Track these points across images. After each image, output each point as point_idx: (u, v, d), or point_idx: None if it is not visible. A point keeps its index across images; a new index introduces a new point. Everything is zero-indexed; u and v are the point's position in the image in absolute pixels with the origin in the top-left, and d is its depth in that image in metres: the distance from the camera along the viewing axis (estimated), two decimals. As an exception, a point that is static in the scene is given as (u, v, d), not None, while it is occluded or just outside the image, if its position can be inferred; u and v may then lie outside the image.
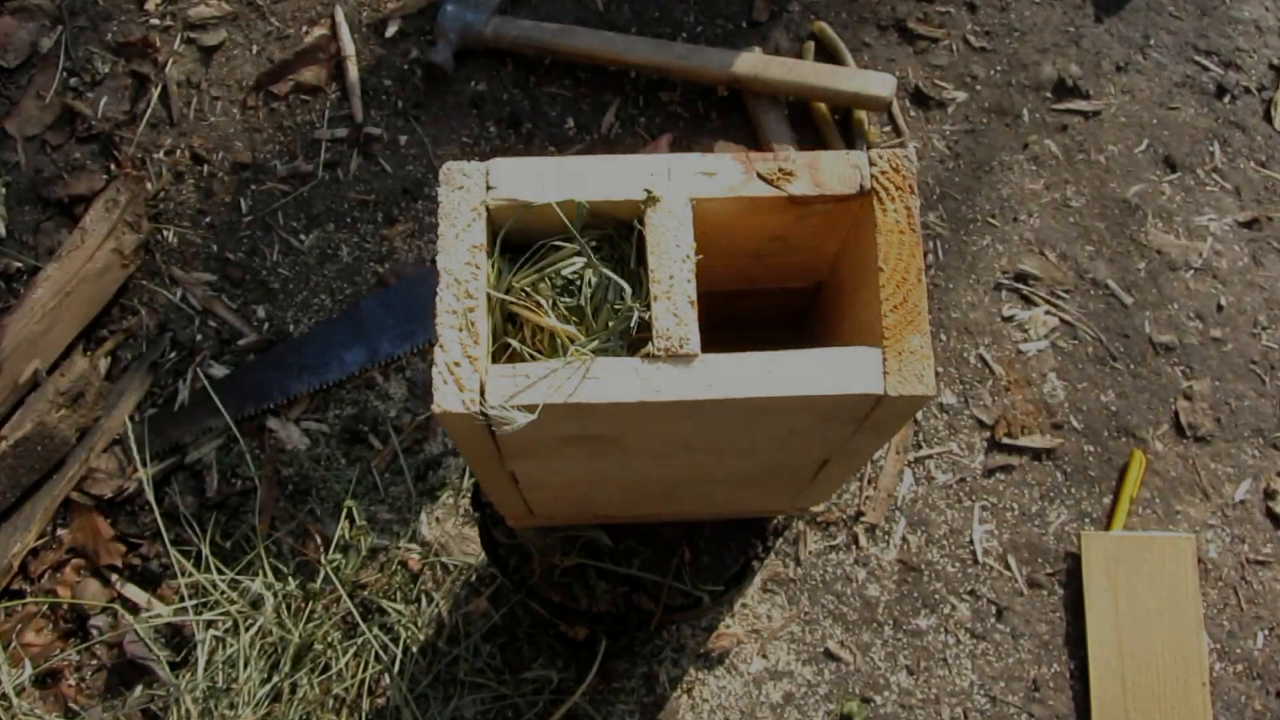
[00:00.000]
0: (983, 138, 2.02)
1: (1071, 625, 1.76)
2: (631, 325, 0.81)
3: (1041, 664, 1.74)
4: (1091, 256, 1.95)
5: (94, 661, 1.73)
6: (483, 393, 0.76)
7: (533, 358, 0.80)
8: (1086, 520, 1.80)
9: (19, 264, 1.90)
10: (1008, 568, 1.78)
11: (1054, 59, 2.07)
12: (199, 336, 1.88)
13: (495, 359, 0.82)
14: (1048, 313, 1.91)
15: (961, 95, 2.04)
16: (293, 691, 1.64)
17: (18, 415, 1.76)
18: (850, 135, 1.98)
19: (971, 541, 1.79)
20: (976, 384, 1.88)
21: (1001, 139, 2.02)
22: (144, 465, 1.78)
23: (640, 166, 0.82)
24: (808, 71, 1.94)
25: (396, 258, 1.93)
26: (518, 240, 0.87)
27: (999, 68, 2.06)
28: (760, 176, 0.83)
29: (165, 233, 1.94)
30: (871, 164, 0.85)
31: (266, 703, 1.62)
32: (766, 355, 0.78)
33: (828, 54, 2.04)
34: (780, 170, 0.82)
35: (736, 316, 1.03)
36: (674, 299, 0.79)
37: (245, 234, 1.94)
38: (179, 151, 1.98)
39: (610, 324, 0.80)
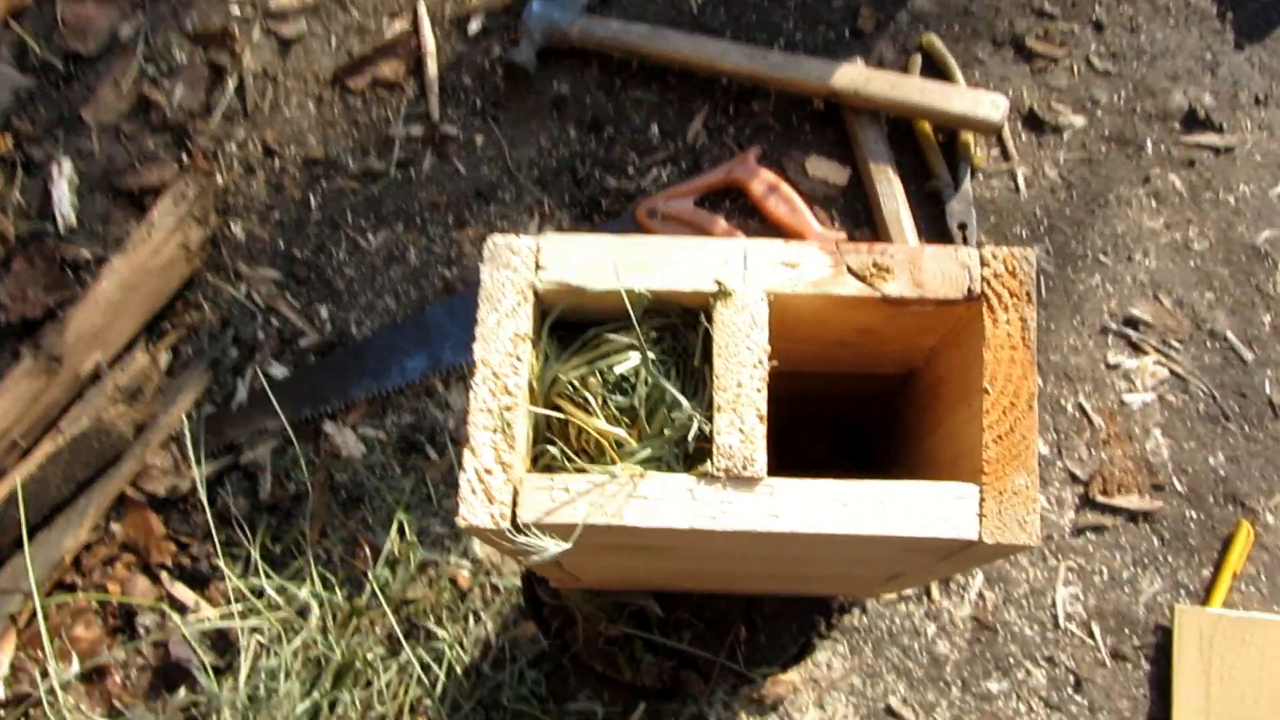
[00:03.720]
0: (1100, 168, 1.87)
1: (1156, 705, 1.63)
2: (690, 435, 0.72)
3: (1121, 745, 1.62)
4: (1211, 305, 1.79)
5: (140, 660, 1.71)
6: (515, 506, 0.68)
7: (572, 464, 0.71)
8: (1182, 593, 1.67)
9: (87, 254, 1.88)
10: (1091, 636, 1.66)
11: (1185, 87, 1.90)
12: (261, 335, 1.83)
13: (534, 459, 0.74)
14: (1157, 363, 1.77)
15: (1080, 121, 1.89)
16: (331, 709, 1.60)
17: (76, 409, 1.74)
18: (955, 158, 1.85)
19: (1054, 604, 1.67)
20: (1073, 434, 1.74)
21: (1121, 171, 1.87)
22: (198, 464, 1.74)
23: (712, 252, 0.73)
24: (912, 89, 1.81)
25: (465, 263, 1.86)
26: (568, 318, 0.78)
27: (1123, 93, 1.90)
28: (851, 271, 0.72)
29: (233, 226, 1.89)
30: (983, 264, 0.74)
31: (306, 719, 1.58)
32: (843, 486, 0.68)
33: (936, 69, 1.91)
34: (875, 265, 0.72)
35: (812, 392, 0.94)
36: (740, 411, 0.70)
37: (313, 231, 1.88)
38: (251, 144, 1.93)
39: (666, 431, 0.71)
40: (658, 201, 1.82)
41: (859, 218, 1.84)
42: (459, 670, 1.63)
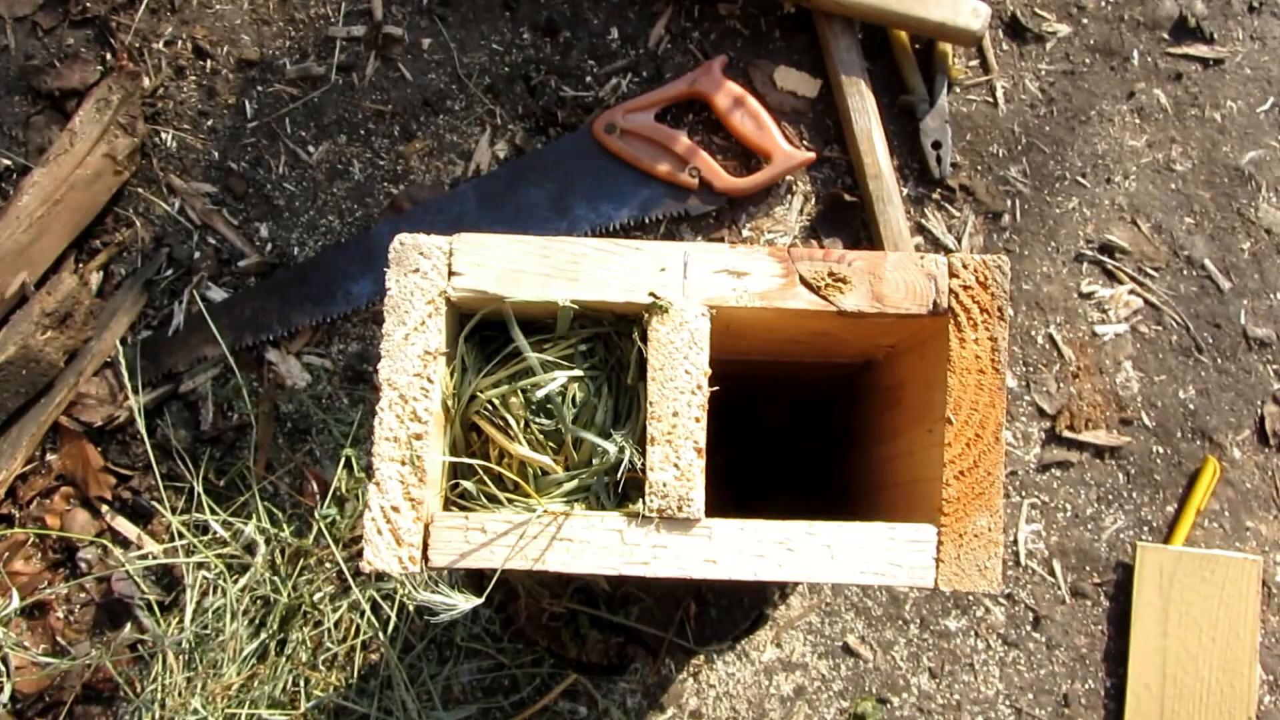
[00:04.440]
0: (1083, 81, 1.77)
1: (1114, 641, 1.63)
2: (621, 467, 0.65)
3: (1075, 679, 1.62)
4: (1190, 231, 1.72)
5: (83, 595, 1.67)
6: (426, 549, 0.61)
7: (491, 500, 0.64)
8: (1145, 530, 1.64)
9: (7, 161, 1.75)
10: (1052, 573, 1.64)
11: (1177, -9, 1.79)
12: (197, 254, 1.73)
13: (452, 488, 0.67)
14: (1132, 292, 1.71)
15: (1064, 29, 1.78)
16: (280, 651, 1.57)
17: (1, 336, 1.64)
18: (931, 70, 1.74)
19: (1015, 542, 1.65)
20: (1041, 367, 1.69)
21: (1104, 84, 1.77)
22: (135, 393, 1.67)
23: (649, 258, 0.64)
24: (889, -6, 1.69)
25: (413, 178, 1.75)
26: (491, 319, 0.70)
27: (1111, -2, 1.78)
28: (804, 282, 0.64)
29: (163, 135, 1.76)
30: (952, 274, 0.66)
31: (253, 662, 1.55)
32: (788, 528, 0.62)
33: (914, -31, 1.77)
34: (831, 275, 0.64)
35: (764, 371, 0.86)
36: (675, 445, 0.63)
37: (249, 141, 1.76)
38: (180, 43, 1.79)
39: (594, 461, 0.64)
40: (616, 115, 1.71)
41: (828, 134, 1.74)
42: (411, 609, 1.59)
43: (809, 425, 1.06)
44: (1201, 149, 1.74)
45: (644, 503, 0.62)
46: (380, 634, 1.58)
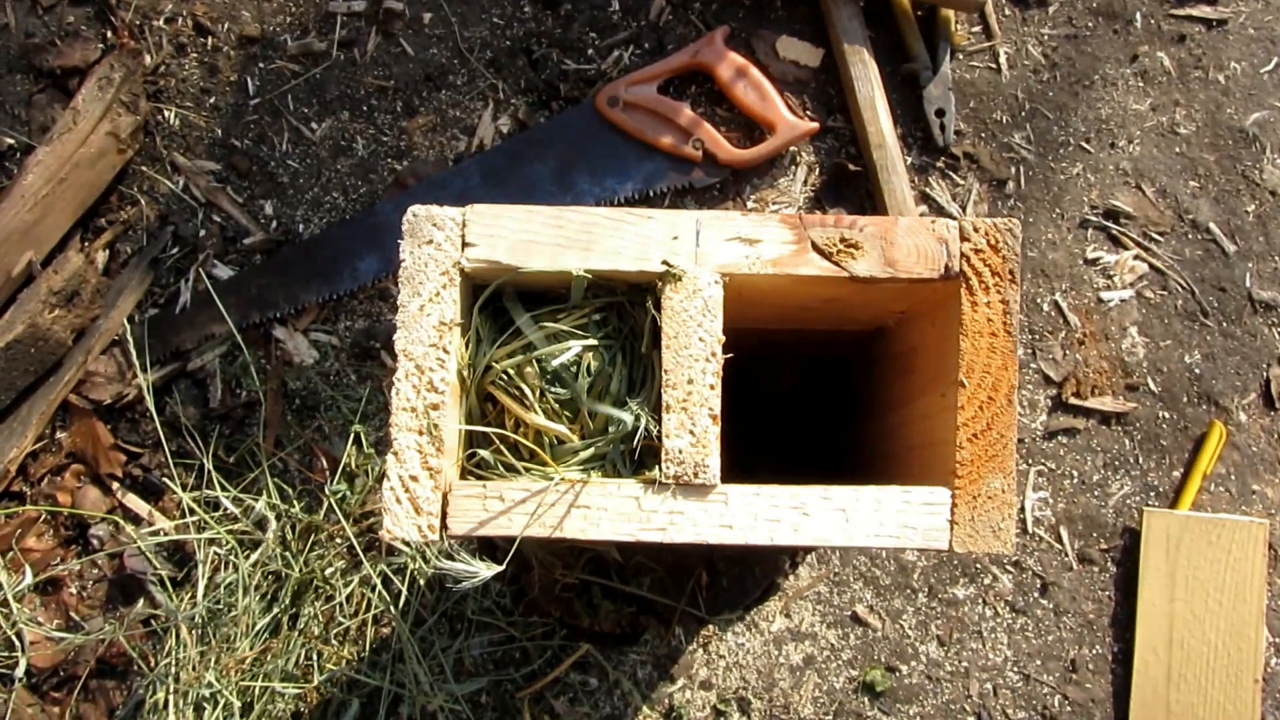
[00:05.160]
0: (1086, 45, 1.76)
1: (1120, 606, 1.64)
2: (638, 435, 0.65)
3: (1083, 645, 1.63)
4: (1195, 194, 1.72)
5: (95, 571, 1.68)
6: (444, 518, 0.62)
7: (509, 468, 0.65)
8: (1152, 495, 1.65)
9: (10, 140, 1.75)
10: (1059, 540, 1.65)
11: (1181, -47, 1.78)
12: (202, 232, 1.73)
13: (469, 457, 0.67)
14: (1137, 257, 1.71)
15: (1067, -6, 1.77)
16: (292, 625, 1.58)
17: (9, 315, 1.65)
18: (934, 37, 1.73)
19: (1023, 509, 1.66)
20: (1048, 334, 1.69)
21: (1108, 48, 1.76)
22: (143, 371, 1.67)
23: (661, 227, 0.65)
24: (891, -39, 1.68)
25: (416, 154, 1.75)
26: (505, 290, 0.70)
27: (1115, -38, 1.77)
28: (816, 248, 0.65)
29: (166, 113, 1.76)
30: (963, 238, 0.67)
31: (265, 636, 1.56)
32: (804, 493, 0.62)
33: (917, -65, 1.77)
34: (843, 241, 0.64)
35: (775, 336, 0.87)
36: (691, 412, 0.64)
37: (252, 119, 1.76)
38: (181, 19, 1.78)
39: (610, 429, 0.65)
40: (619, 88, 1.70)
41: (832, 103, 1.74)
42: (421, 583, 1.60)
43: (821, 393, 1.07)
44: (1206, 111, 1.74)
45: (660, 469, 0.63)
46: (392, 608, 1.59)
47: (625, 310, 0.68)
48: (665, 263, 0.64)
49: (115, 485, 1.69)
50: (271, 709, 1.57)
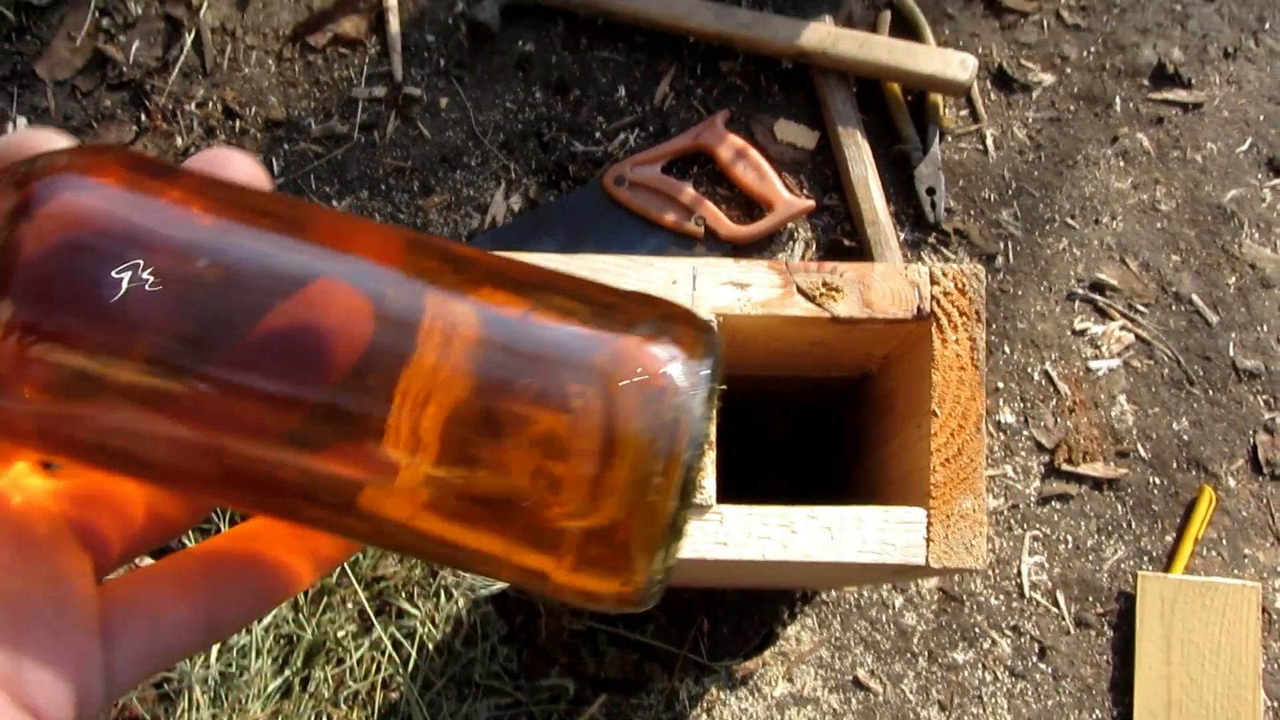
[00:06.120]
0: (1069, 128, 1.85)
1: (1119, 670, 1.66)
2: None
3: (1083, 709, 1.65)
4: (1177, 268, 1.79)
5: (110, 635, 1.71)
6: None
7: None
8: (1145, 559, 1.69)
9: (43, 220, 1.84)
10: (1056, 604, 1.68)
11: (1155, 41, 1.88)
12: (224, 305, 1.80)
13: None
14: (1123, 328, 1.77)
15: (1049, 78, 1.86)
16: (304, 687, 1.61)
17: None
18: (923, 120, 1.83)
19: (1019, 574, 1.69)
20: (1039, 403, 1.75)
21: (1089, 130, 1.85)
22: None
23: (660, 272, 0.71)
24: (881, 49, 1.78)
25: (432, 230, 1.83)
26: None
27: (1093, 49, 1.88)
28: (800, 291, 0.71)
29: (193, 193, 1.85)
30: (933, 282, 0.73)
31: (277, 698, 1.59)
32: (792, 513, 0.68)
33: (906, 25, 1.87)
34: (825, 285, 0.71)
35: (767, 384, 0.93)
36: (688, 439, 0.69)
37: (275, 198, 1.85)
38: (211, 104, 1.89)
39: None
40: (625, 168, 1.79)
41: (827, 183, 1.82)
42: (431, 647, 1.64)
43: (812, 438, 1.12)
44: (1185, 189, 1.82)
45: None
46: (401, 672, 1.62)
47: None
48: (665, 303, 0.71)
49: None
50: (281, 770, 1.59)
